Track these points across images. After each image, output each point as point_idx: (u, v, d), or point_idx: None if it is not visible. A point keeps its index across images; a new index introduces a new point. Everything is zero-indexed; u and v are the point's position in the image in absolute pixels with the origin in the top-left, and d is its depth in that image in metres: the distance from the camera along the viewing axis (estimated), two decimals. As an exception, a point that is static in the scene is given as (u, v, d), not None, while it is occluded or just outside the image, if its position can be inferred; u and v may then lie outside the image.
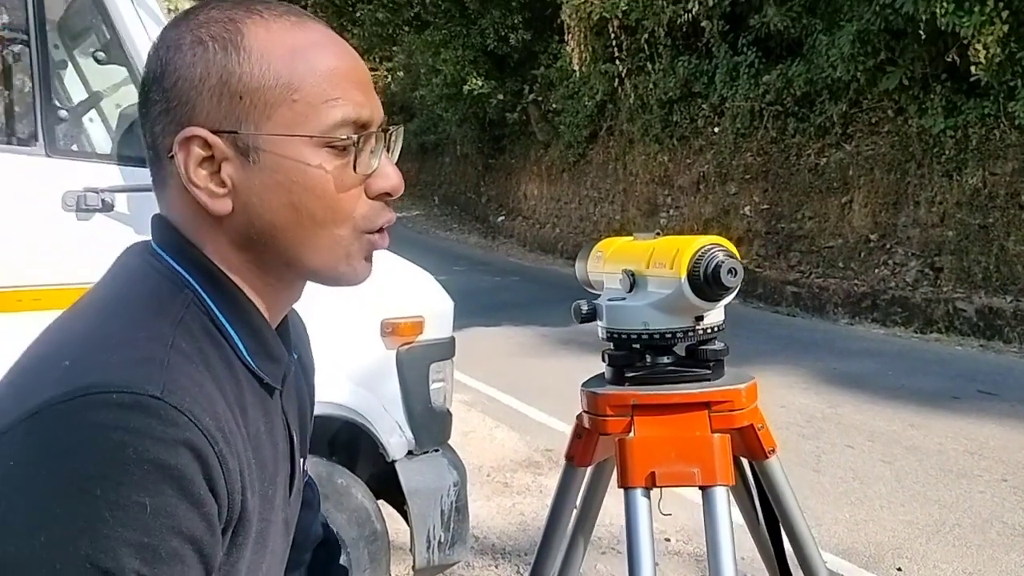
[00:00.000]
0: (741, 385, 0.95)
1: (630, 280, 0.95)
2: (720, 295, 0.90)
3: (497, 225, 15.43)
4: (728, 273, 0.87)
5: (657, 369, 0.96)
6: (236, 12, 0.69)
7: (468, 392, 5.77)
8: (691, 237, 0.93)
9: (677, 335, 0.93)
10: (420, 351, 2.63)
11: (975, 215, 7.25)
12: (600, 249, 1.08)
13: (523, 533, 3.60)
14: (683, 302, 0.90)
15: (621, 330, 0.95)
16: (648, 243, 0.98)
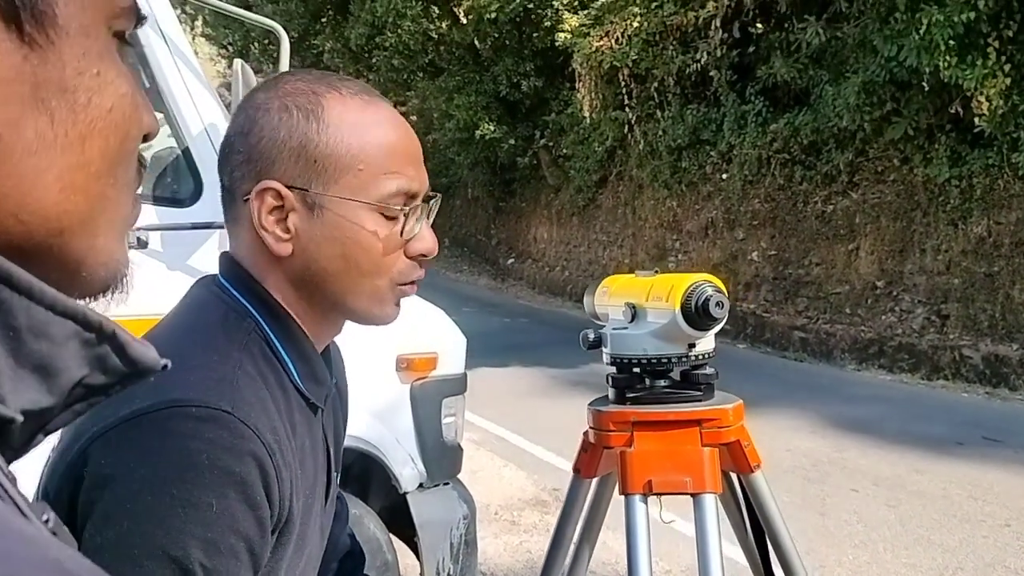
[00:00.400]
0: (728, 405, 1.06)
1: (631, 312, 1.06)
2: (709, 325, 1.01)
3: (507, 267, 15.58)
4: (716, 306, 0.99)
5: (655, 391, 1.06)
6: (319, 86, 0.81)
7: (477, 431, 5.83)
8: (685, 275, 1.04)
9: (672, 360, 1.04)
10: (433, 386, 2.72)
11: (980, 263, 7.33)
12: (606, 285, 1.19)
13: (530, 570, 3.65)
14: (677, 331, 1.01)
15: (623, 355, 1.06)
16: (648, 280, 1.08)
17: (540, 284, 14.08)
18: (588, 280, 13.01)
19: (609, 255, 12.78)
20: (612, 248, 12.76)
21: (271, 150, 0.79)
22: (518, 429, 5.74)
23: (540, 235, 15.04)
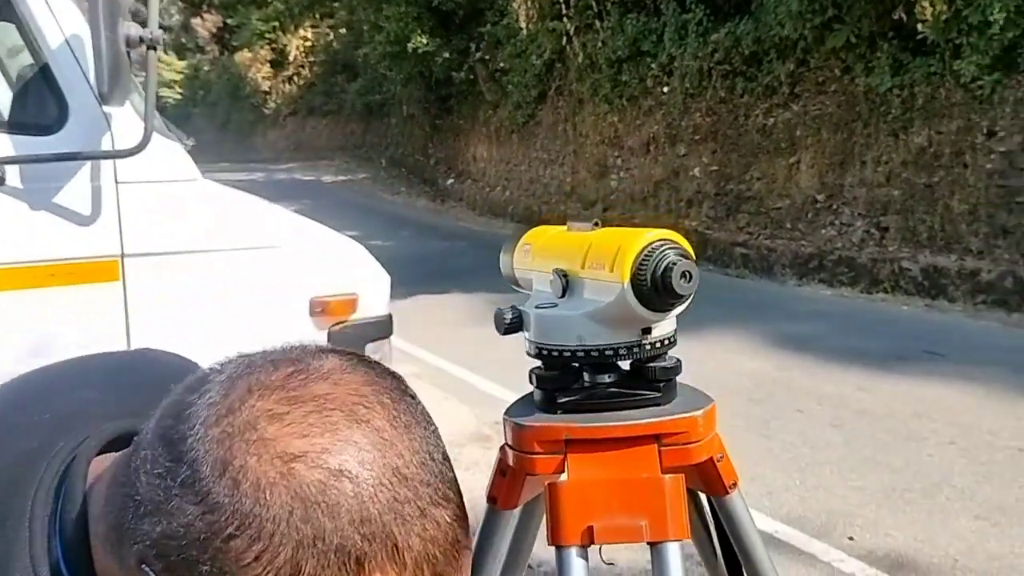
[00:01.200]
0: (697, 412, 0.79)
1: (562, 283, 0.80)
2: (671, 304, 0.75)
3: (446, 188, 15.20)
4: (681, 278, 0.72)
5: (596, 392, 0.81)
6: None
7: (415, 363, 5.63)
8: (635, 231, 0.78)
9: (620, 351, 0.78)
10: (354, 331, 2.49)
11: (920, 174, 7.27)
12: (528, 241, 0.92)
13: (471, 513, 3.48)
14: (627, 312, 0.75)
15: (552, 346, 0.80)
16: (584, 236, 0.83)
17: (480, 205, 13.77)
18: (529, 200, 12.78)
19: (550, 174, 12.50)
20: (553, 167, 12.47)
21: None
22: (459, 360, 5.54)
23: (479, 154, 14.65)
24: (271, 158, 23.96)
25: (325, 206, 14.08)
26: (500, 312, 0.83)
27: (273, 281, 2.43)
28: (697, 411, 0.80)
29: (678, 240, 0.77)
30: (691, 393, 0.85)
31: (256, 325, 2.37)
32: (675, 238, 0.77)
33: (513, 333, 0.83)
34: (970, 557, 3.01)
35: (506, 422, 0.83)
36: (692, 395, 0.84)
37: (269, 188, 16.45)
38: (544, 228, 0.93)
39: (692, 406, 0.81)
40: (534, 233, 0.93)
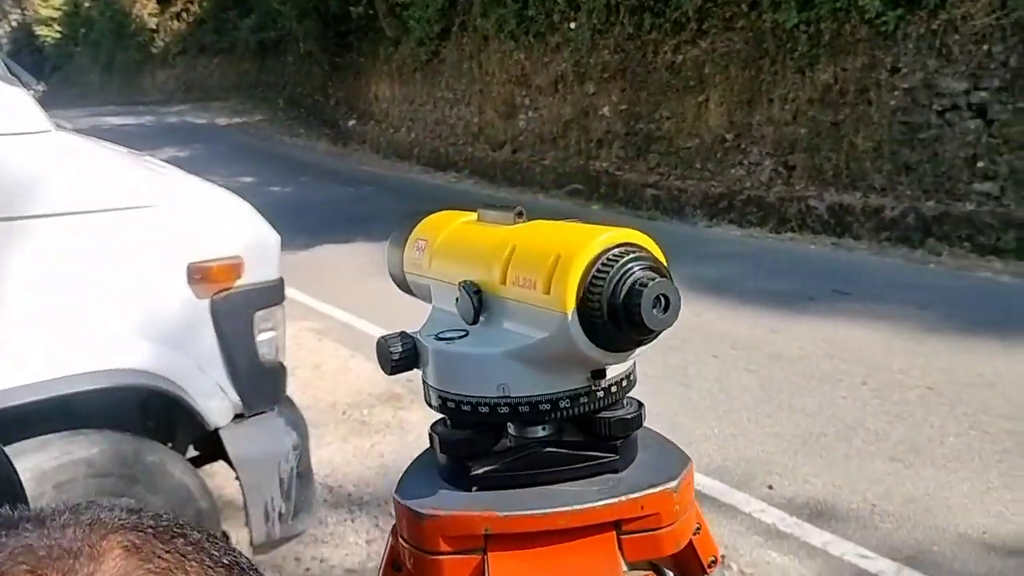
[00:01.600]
0: (671, 482, 0.56)
1: (473, 303, 0.56)
2: (638, 341, 0.53)
3: (348, 130, 14.62)
4: (654, 306, 0.50)
5: (526, 458, 0.57)
6: None
7: (318, 319, 5.35)
8: (581, 230, 0.56)
9: (560, 403, 0.55)
10: (240, 298, 2.22)
11: (826, 112, 7.28)
12: (423, 234, 0.66)
13: (383, 478, 3.31)
14: (571, 353, 0.53)
15: (461, 396, 0.56)
16: (503, 234, 0.59)
17: (384, 147, 13.30)
18: (436, 142, 12.40)
19: (456, 114, 12.13)
20: (459, 106, 12.10)
21: None
22: (366, 314, 5.28)
23: (381, 93, 14.11)
24: (161, 100, 22.67)
25: (219, 151, 13.38)
26: (385, 343, 0.59)
27: (144, 246, 2.13)
28: (670, 481, 0.56)
29: (644, 244, 0.54)
30: (657, 449, 0.60)
31: (126, 299, 2.08)
32: (640, 241, 0.54)
33: (405, 371, 0.59)
34: (887, 500, 3.00)
35: (397, 505, 0.58)
36: (659, 453, 0.60)
37: (159, 132, 15.55)
38: (443, 216, 0.67)
39: (663, 473, 0.57)
40: (431, 223, 0.67)
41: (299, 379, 4.18)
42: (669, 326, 0.52)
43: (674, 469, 0.58)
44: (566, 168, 9.64)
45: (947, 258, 6.10)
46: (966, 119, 6.36)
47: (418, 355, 0.60)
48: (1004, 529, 2.77)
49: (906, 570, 2.61)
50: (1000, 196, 6.11)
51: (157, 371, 2.09)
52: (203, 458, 2.63)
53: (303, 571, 2.73)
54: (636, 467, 0.59)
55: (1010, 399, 3.67)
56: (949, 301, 5.10)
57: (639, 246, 0.54)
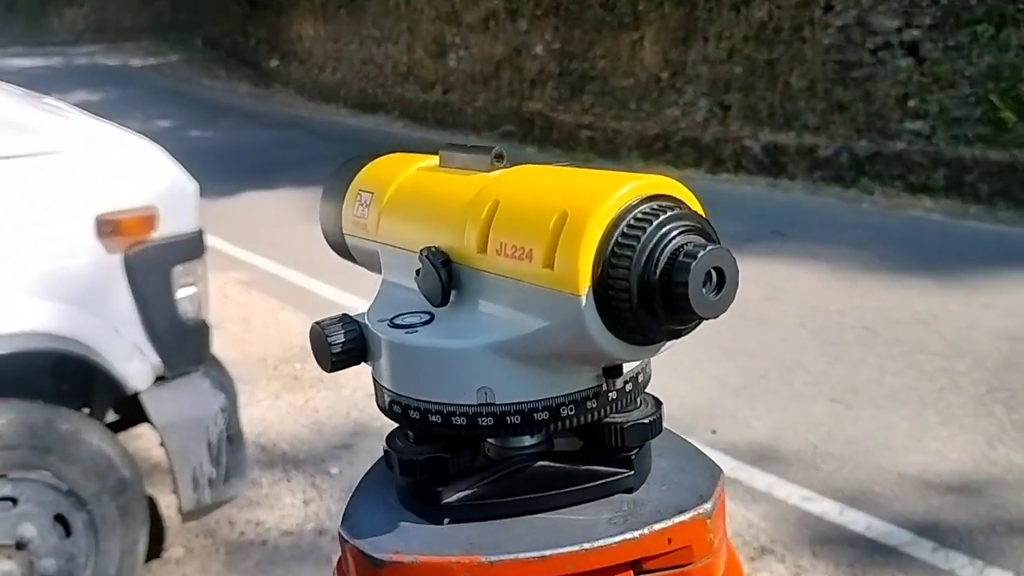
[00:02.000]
0: (703, 506, 0.43)
1: (439, 277, 0.42)
2: (678, 331, 0.40)
3: (270, 71, 14.04)
4: (704, 282, 0.37)
5: (513, 479, 0.44)
6: None
7: (245, 269, 5.12)
8: (595, 177, 0.42)
9: (560, 410, 0.41)
10: (156, 252, 2.05)
11: (761, 50, 7.22)
12: (368, 184, 0.50)
13: (319, 436, 3.18)
14: (581, 346, 0.39)
15: (426, 403, 0.42)
16: (478, 182, 0.45)
17: (309, 89, 12.82)
18: (363, 83, 12.00)
19: (384, 53, 11.73)
20: (387, 45, 11.69)
21: None
22: (295, 263, 5.07)
23: (305, 32, 13.55)
24: (70, 40, 21.44)
25: (134, 94, 12.72)
26: (321, 332, 0.44)
27: (47, 197, 1.94)
28: (702, 504, 0.42)
29: (682, 197, 0.41)
30: (676, 457, 0.47)
31: (27, 256, 1.89)
32: (677, 193, 0.41)
33: (350, 366, 0.45)
34: (829, 442, 3.01)
35: (344, 545, 0.43)
36: (681, 463, 0.47)
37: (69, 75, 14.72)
38: (396, 160, 0.51)
39: (691, 492, 0.43)
40: (378, 170, 0.51)
41: (227, 333, 4.00)
42: (723, 311, 0.39)
43: (704, 485, 0.45)
44: (498, 109, 9.43)
45: (880, 197, 6.17)
46: (898, 57, 6.38)
47: (367, 346, 0.45)
48: (942, 467, 2.81)
49: (848, 510, 2.62)
50: (931, 135, 6.18)
51: (67, 333, 1.92)
52: (125, 422, 2.48)
53: (237, 535, 2.61)
54: (655, 484, 0.46)
55: (944, 337, 3.72)
56: (883, 240, 5.15)
57: (677, 200, 0.40)
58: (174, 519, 2.55)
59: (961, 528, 2.48)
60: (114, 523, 2.05)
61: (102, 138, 2.13)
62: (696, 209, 0.41)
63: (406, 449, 0.45)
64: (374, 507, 0.45)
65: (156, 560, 2.46)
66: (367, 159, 0.52)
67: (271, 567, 2.45)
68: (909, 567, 2.35)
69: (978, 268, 4.62)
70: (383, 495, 0.46)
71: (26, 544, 1.92)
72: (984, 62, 6.00)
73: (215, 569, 2.45)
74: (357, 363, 0.46)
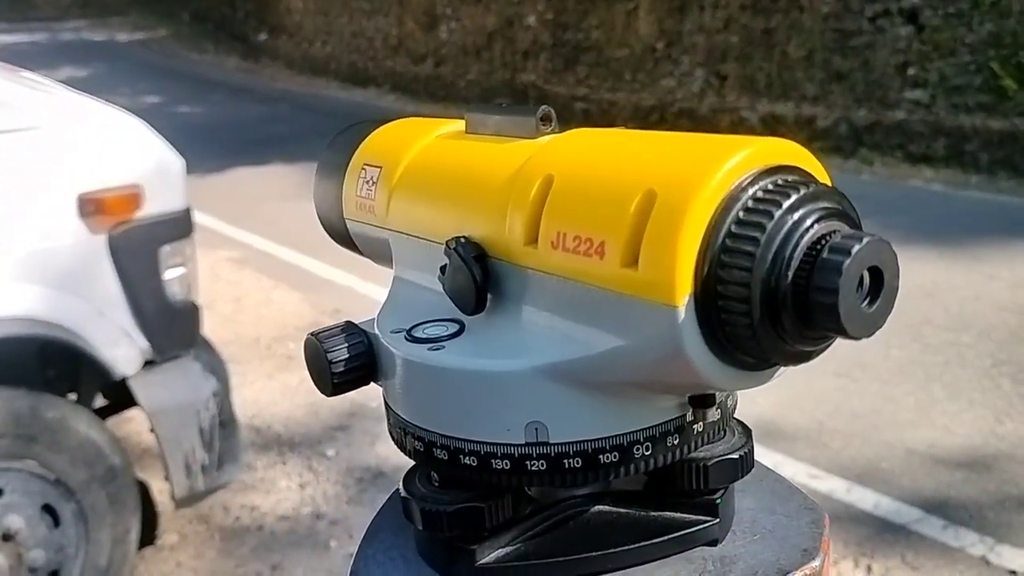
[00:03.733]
0: (807, 567, 0.33)
1: (473, 276, 0.32)
2: (807, 352, 0.31)
3: (259, 44, 13.83)
4: (856, 291, 0.28)
5: (565, 530, 0.34)
6: None
7: (237, 247, 5.03)
8: (683, 141, 0.33)
9: (635, 450, 0.32)
10: (142, 232, 1.97)
11: (758, 19, 7.10)
12: (375, 158, 0.40)
13: (314, 417, 3.12)
14: (673, 371, 0.30)
15: (458, 439, 0.33)
16: (522, 150, 0.34)
17: (299, 63, 12.64)
18: (353, 56, 11.83)
19: (374, 26, 11.54)
20: (376, 17, 11.51)
21: None
22: (287, 241, 4.98)
23: (294, 5, 13.33)
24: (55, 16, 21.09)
25: (121, 70, 12.51)
26: (319, 347, 0.36)
27: (26, 176, 1.86)
28: (810, 560, 0.33)
29: (812, 168, 0.32)
30: (760, 492, 0.38)
31: (7, 237, 1.81)
32: (802, 161, 0.31)
33: (355, 388, 0.37)
34: (835, 418, 2.96)
35: None
36: (768, 501, 0.37)
37: (55, 51, 14.50)
38: (411, 126, 0.40)
39: (791, 545, 0.34)
40: (386, 139, 0.41)
41: (218, 313, 3.92)
42: (879, 327, 0.30)
43: (806, 534, 0.35)
44: (491, 82, 9.30)
45: (879, 167, 6.09)
46: (897, 25, 6.27)
47: (376, 363, 0.36)
48: (950, 442, 2.76)
49: (856, 488, 2.58)
50: (930, 104, 6.09)
51: (50, 318, 1.85)
52: (115, 406, 2.41)
53: (232, 521, 2.55)
54: (744, 534, 0.36)
55: (949, 310, 3.67)
56: (884, 211, 5.08)
57: (807, 173, 0.31)
58: (167, 505, 2.49)
59: (971, 505, 2.44)
60: (104, 512, 1.99)
61: (82, 113, 2.04)
62: (824, 182, 0.32)
63: (430, 497, 0.35)
64: (388, 564, 0.36)
65: (150, 547, 2.40)
66: (373, 125, 0.42)
67: (267, 552, 2.40)
68: (919, 545, 2.30)
69: (981, 239, 4.56)
70: (399, 547, 0.37)
71: (13, 536, 1.86)
72: (985, 29, 5.90)
73: (210, 555, 2.40)
74: (365, 384, 0.37)
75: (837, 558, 2.26)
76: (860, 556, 2.27)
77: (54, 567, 1.94)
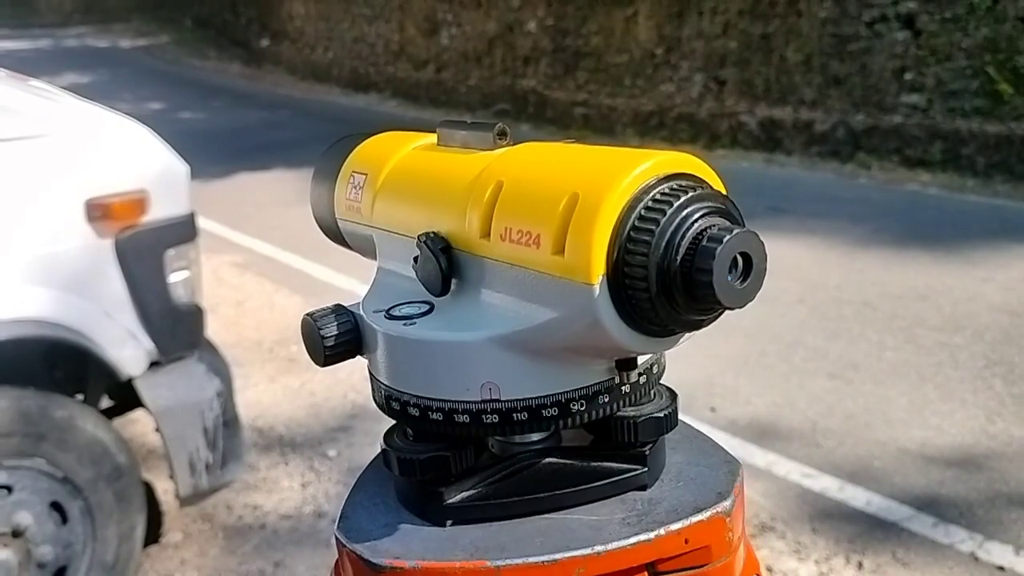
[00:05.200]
0: (722, 504, 0.41)
1: (439, 265, 0.40)
2: (697, 321, 0.39)
3: (261, 51, 13.91)
4: (728, 269, 0.35)
5: (519, 477, 0.42)
6: None
7: (239, 252, 5.09)
8: (608, 155, 0.40)
9: (571, 405, 0.39)
10: (147, 236, 2.02)
11: (756, 24, 7.16)
12: (362, 165, 0.47)
13: (315, 419, 3.16)
14: (594, 338, 0.37)
15: (427, 400, 0.40)
16: (480, 161, 0.42)
17: (302, 69, 12.71)
18: (355, 62, 11.89)
19: (376, 32, 11.62)
20: (378, 23, 11.58)
21: None
22: (289, 245, 5.04)
23: (296, 10, 13.41)
24: (58, 22, 21.23)
25: (124, 76, 12.60)
26: (313, 324, 0.43)
27: (34, 182, 1.91)
28: (722, 501, 0.41)
29: (704, 176, 0.39)
30: (691, 451, 0.46)
31: (16, 242, 1.86)
32: (696, 170, 0.38)
33: (344, 360, 0.43)
34: (828, 417, 3.00)
35: (341, 549, 0.42)
36: (696, 457, 0.45)
37: (58, 57, 14.58)
38: (392, 139, 0.48)
39: (709, 489, 0.42)
40: (372, 149, 0.48)
41: (222, 317, 3.97)
42: (750, 300, 0.37)
43: (723, 481, 0.43)
44: (492, 87, 9.36)
45: (877, 171, 6.14)
46: (894, 30, 6.32)
47: (362, 338, 0.43)
48: (942, 441, 2.80)
49: (848, 486, 2.62)
50: (927, 108, 6.14)
51: (58, 320, 1.89)
52: (120, 408, 2.46)
53: (235, 519, 2.59)
54: (670, 481, 0.44)
55: (942, 311, 3.71)
56: (880, 215, 5.13)
57: (698, 178, 0.38)
58: (172, 504, 2.54)
59: (961, 502, 2.48)
60: (111, 509, 2.03)
61: (90, 121, 2.09)
62: (719, 188, 0.39)
63: (405, 448, 0.43)
64: (372, 508, 0.44)
65: (155, 545, 2.45)
66: (360, 138, 0.49)
67: (270, 550, 2.44)
68: (909, 542, 2.34)
69: (976, 242, 4.61)
70: (381, 495, 0.44)
71: (22, 532, 1.91)
72: (981, 34, 5.95)
73: (213, 553, 2.44)
74: (352, 356, 0.44)
75: (828, 555, 2.31)
76: (851, 553, 2.31)
77: (62, 563, 1.98)
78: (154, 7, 18.57)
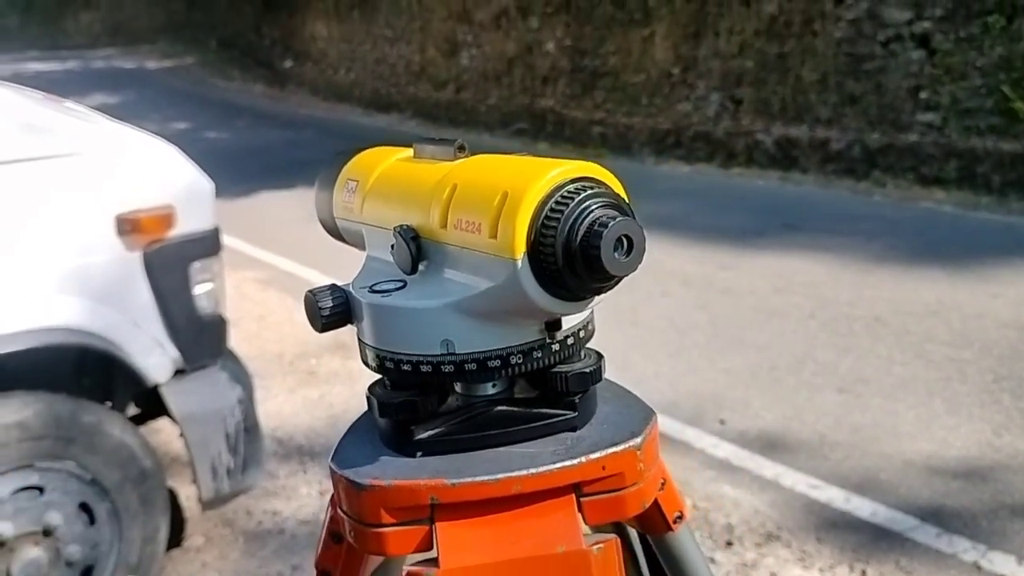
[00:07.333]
0: (635, 439, 0.52)
1: (410, 250, 0.52)
2: (597, 288, 0.49)
3: (284, 71, 14.16)
4: (615, 247, 0.45)
5: (474, 419, 0.53)
6: None
7: (262, 268, 5.21)
8: (530, 163, 0.51)
9: (510, 359, 0.51)
10: (174, 249, 2.12)
11: (772, 44, 7.24)
12: (354, 174, 0.60)
13: (333, 429, 3.25)
14: (522, 303, 0.48)
15: (400, 354, 0.52)
16: (441, 170, 0.53)
17: (324, 89, 12.93)
18: (376, 82, 12.08)
19: (397, 53, 11.81)
20: (399, 45, 11.78)
21: None
22: (311, 262, 5.15)
23: (318, 32, 13.66)
24: (86, 44, 21.68)
25: (151, 96, 12.87)
26: (313, 298, 0.54)
27: (69, 198, 2.01)
28: (633, 438, 0.52)
29: (603, 179, 0.49)
30: (618, 404, 0.57)
31: (52, 254, 1.96)
32: (598, 175, 0.49)
33: (337, 328, 0.55)
34: (836, 430, 3.04)
35: (334, 475, 0.54)
36: (620, 408, 0.56)
37: (87, 78, 14.90)
38: (379, 153, 0.61)
39: (625, 430, 0.53)
40: (363, 161, 0.61)
41: (244, 330, 4.08)
42: (633, 271, 0.48)
43: (637, 424, 0.55)
44: (511, 107, 9.49)
45: (891, 189, 6.17)
46: (909, 49, 6.38)
47: (352, 310, 0.55)
48: (948, 454, 2.84)
49: (854, 497, 2.66)
50: (943, 127, 6.17)
51: (90, 328, 1.99)
52: (146, 415, 2.55)
53: (255, 525, 2.68)
54: (596, 424, 0.55)
55: (952, 327, 3.74)
56: (894, 232, 5.17)
57: (598, 181, 0.49)
58: (194, 509, 2.63)
59: (965, 513, 2.51)
60: (136, 512, 2.12)
61: (120, 140, 2.19)
62: (617, 190, 0.50)
63: (384, 395, 0.54)
64: (359, 444, 0.56)
65: (177, 548, 2.53)
66: (354, 152, 0.59)
67: (288, 555, 2.52)
68: (913, 551, 2.38)
69: (987, 259, 4.63)
70: (368, 436, 0.56)
71: (52, 531, 1.99)
72: (995, 53, 5.99)
73: (234, 557, 2.52)
74: (344, 324, 0.55)
75: (833, 563, 2.35)
76: (855, 562, 2.35)
77: (89, 562, 2.06)
78: (179, 29, 18.95)
